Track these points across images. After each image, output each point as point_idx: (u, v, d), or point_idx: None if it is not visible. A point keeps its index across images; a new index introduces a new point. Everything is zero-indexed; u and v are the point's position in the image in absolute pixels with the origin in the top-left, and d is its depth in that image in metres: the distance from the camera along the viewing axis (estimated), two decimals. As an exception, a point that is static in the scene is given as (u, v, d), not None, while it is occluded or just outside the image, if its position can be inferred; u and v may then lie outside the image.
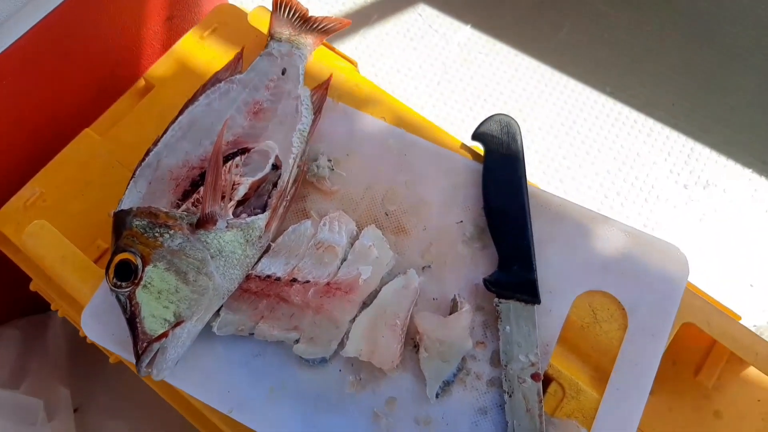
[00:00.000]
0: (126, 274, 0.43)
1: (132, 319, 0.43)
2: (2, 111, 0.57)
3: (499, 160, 0.49)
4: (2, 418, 0.59)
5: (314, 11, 0.57)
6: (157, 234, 0.43)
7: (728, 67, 1.04)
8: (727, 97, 1.02)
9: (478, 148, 0.51)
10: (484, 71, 1.04)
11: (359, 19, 1.11)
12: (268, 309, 0.45)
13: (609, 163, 0.94)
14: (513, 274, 0.46)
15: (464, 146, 0.53)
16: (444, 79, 1.02)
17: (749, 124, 1.00)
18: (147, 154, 0.49)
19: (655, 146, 0.99)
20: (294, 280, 0.46)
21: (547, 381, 0.45)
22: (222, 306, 0.45)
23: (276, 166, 0.49)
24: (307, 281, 0.46)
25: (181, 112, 0.50)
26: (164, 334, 0.42)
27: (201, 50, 0.60)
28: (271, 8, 0.57)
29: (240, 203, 0.47)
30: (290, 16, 0.56)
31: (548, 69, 1.05)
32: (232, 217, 0.45)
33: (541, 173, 0.91)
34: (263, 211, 0.46)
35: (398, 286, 0.47)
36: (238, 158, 0.48)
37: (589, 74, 1.04)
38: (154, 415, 0.62)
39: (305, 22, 0.55)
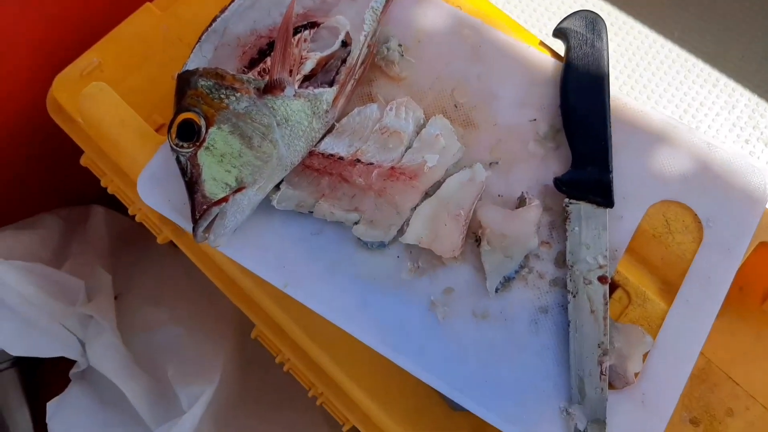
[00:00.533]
0: (188, 135, 0.41)
1: (192, 182, 0.41)
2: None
3: (582, 56, 0.46)
4: (44, 293, 0.59)
5: None
6: (223, 95, 0.42)
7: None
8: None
9: (555, 51, 0.49)
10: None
11: None
12: (330, 187, 0.44)
13: (671, 110, 0.90)
14: (587, 175, 0.44)
15: (542, 44, 0.50)
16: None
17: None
18: (213, 20, 0.47)
19: (720, 97, 0.94)
20: (357, 160, 0.44)
21: (612, 287, 0.43)
22: (283, 180, 0.44)
23: (345, 44, 0.46)
24: (371, 163, 0.44)
25: (251, -20, 0.48)
26: (224, 199, 0.41)
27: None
28: None
29: (306, 79, 0.45)
30: None
31: (613, 9, 1.00)
32: (298, 89, 0.43)
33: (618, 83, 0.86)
34: (330, 86, 0.44)
35: (463, 179, 0.45)
36: (306, 32, 0.46)
37: (657, 16, 0.99)
38: (196, 303, 0.62)
39: None
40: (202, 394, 0.50)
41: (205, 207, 0.41)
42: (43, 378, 0.73)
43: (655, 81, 0.94)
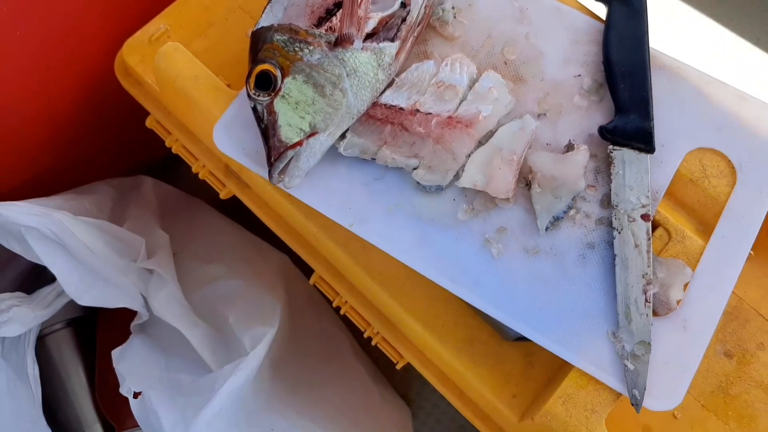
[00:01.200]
0: (265, 85, 0.45)
1: (268, 128, 0.45)
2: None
3: (623, 15, 0.50)
4: (109, 248, 0.63)
5: None
6: (297, 48, 0.46)
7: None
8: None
9: (597, 14, 0.52)
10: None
11: None
12: (391, 136, 0.48)
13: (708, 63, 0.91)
14: (630, 122, 0.47)
15: (585, 7, 0.53)
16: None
17: None
18: (282, -16, 0.51)
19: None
20: (417, 110, 0.48)
21: (654, 226, 0.47)
22: (348, 129, 0.48)
23: (404, 4, 0.50)
24: (429, 113, 0.48)
25: (316, -54, 0.51)
26: (299, 143, 0.45)
27: None
28: None
29: (368, 37, 0.49)
30: None
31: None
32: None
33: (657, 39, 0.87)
34: (392, 42, 0.48)
35: (515, 128, 0.48)
36: (368, -6, 0.50)
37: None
38: (248, 259, 0.65)
39: None
40: (264, 336, 0.54)
41: (281, 150, 0.45)
42: (99, 339, 0.77)
43: (693, 36, 0.95)
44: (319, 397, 0.60)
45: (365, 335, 0.54)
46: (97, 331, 0.75)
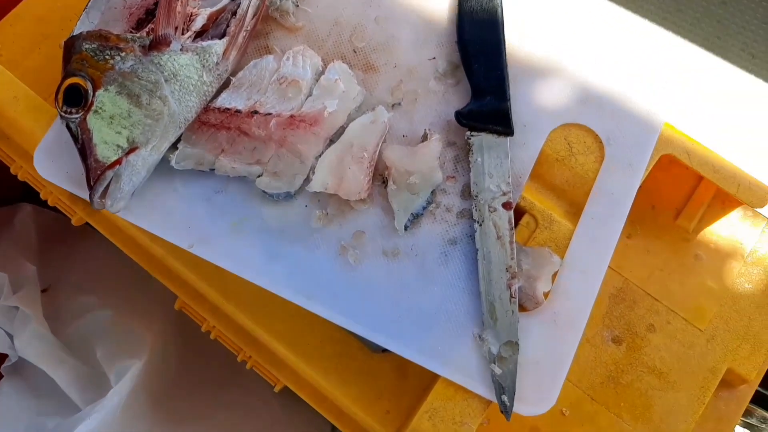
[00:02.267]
0: (76, 100, 0.41)
1: (84, 148, 0.41)
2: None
3: (474, -11, 0.46)
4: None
5: None
6: (107, 56, 0.41)
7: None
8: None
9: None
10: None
11: None
12: (229, 142, 0.43)
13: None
14: (486, 105, 0.44)
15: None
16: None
17: None
18: (98, -15, 0.46)
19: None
20: (255, 112, 0.44)
21: (519, 213, 0.44)
22: (180, 139, 0.43)
23: (235, -3, 0.46)
24: (269, 114, 0.44)
25: (131, -60, 0.47)
26: (118, 161, 0.40)
27: None
28: None
29: (198, 35, 0.45)
30: None
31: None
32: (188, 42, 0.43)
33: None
34: (220, 39, 0.44)
35: (366, 122, 0.44)
36: (194, -12, 0.46)
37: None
38: (124, 285, 0.61)
39: None
40: (129, 370, 0.50)
41: (99, 172, 0.40)
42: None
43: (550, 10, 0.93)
44: (210, 426, 0.56)
45: (239, 359, 0.50)
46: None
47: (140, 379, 0.50)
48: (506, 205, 0.42)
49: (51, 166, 0.44)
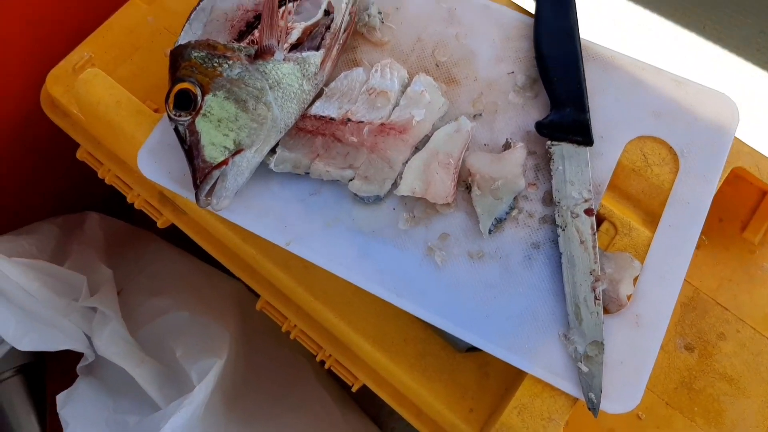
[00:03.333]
0: (185, 104, 0.43)
1: (191, 149, 0.43)
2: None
3: (552, 8, 0.49)
4: (48, 289, 0.60)
5: None
6: (215, 64, 0.44)
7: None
8: None
9: (526, 9, 0.51)
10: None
11: None
12: (324, 147, 0.46)
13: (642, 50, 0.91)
14: (566, 116, 0.46)
15: (513, 3, 0.52)
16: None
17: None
18: (200, 0, 0.49)
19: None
20: (348, 120, 0.46)
21: (599, 220, 0.46)
22: (278, 143, 0.46)
23: (327, 12, 0.49)
24: (361, 122, 0.46)
25: (233, -41, 0.50)
26: (224, 162, 0.43)
27: None
28: None
29: (293, 47, 0.47)
30: None
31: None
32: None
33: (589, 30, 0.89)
34: (317, 51, 0.47)
35: (450, 131, 0.47)
36: (290, 5, 0.49)
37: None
38: (197, 288, 0.63)
39: None
40: (211, 368, 0.51)
41: (206, 171, 0.43)
42: (49, 384, 0.73)
43: (624, 23, 0.95)
44: (278, 427, 0.57)
45: (317, 359, 0.51)
46: (46, 377, 0.71)
47: (220, 377, 0.51)
48: (588, 212, 0.44)
49: (154, 167, 0.47)
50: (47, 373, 0.71)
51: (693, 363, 0.48)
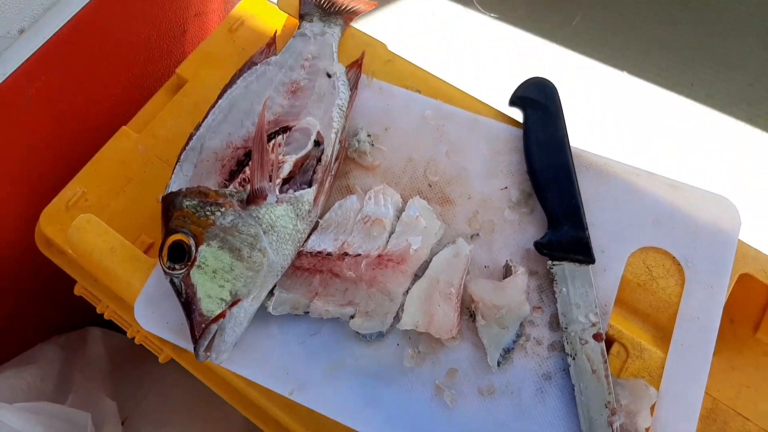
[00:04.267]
0: (179, 256, 0.43)
1: (188, 302, 0.42)
2: (38, 112, 0.58)
3: (539, 121, 0.49)
4: (52, 429, 0.58)
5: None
6: (208, 212, 0.43)
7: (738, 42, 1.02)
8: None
9: (514, 118, 0.51)
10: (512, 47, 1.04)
11: (385, 2, 1.13)
12: (322, 285, 0.45)
13: (638, 151, 0.92)
14: (564, 234, 0.45)
15: (501, 114, 0.52)
16: (474, 52, 1.02)
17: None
18: (190, 139, 0.49)
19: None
20: (345, 254, 0.46)
21: (608, 342, 0.44)
22: (276, 285, 0.45)
23: (318, 143, 0.49)
24: (358, 254, 0.46)
25: (220, 96, 0.50)
26: (221, 315, 0.42)
27: (231, 43, 0.60)
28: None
29: (285, 182, 0.47)
30: None
31: (568, 53, 1.04)
32: (279, 193, 0.45)
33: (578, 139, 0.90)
34: (309, 186, 0.46)
35: (449, 255, 0.46)
36: (280, 137, 0.49)
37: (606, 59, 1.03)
38: (205, 417, 0.61)
39: (333, 4, 0.56)
40: None
41: (203, 326, 0.42)
42: None
43: (614, 126, 0.96)
44: None
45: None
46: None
47: None
48: (597, 337, 0.43)
49: (151, 317, 0.46)
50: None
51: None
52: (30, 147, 0.59)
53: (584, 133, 0.88)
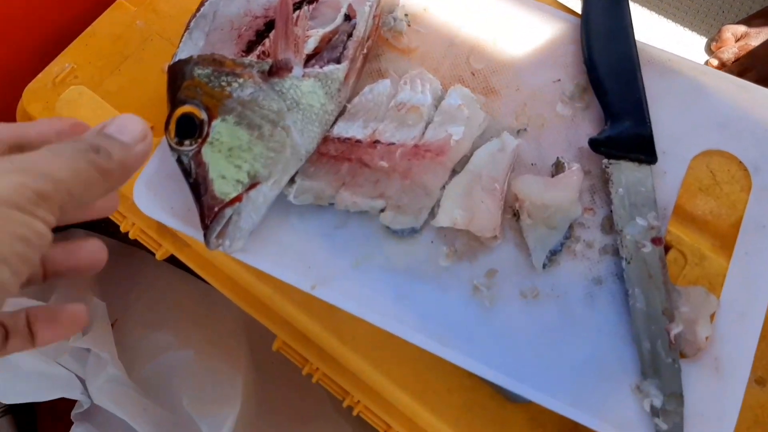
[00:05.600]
0: (189, 131, 0.37)
1: (198, 184, 0.37)
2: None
3: (601, 5, 0.43)
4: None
5: None
6: (224, 83, 0.37)
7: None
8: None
9: (569, 6, 0.46)
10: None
11: None
12: (350, 174, 0.40)
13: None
14: (624, 131, 0.41)
15: (557, 1, 0.47)
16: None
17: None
18: (201, 5, 0.42)
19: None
20: (377, 142, 0.40)
21: (666, 249, 0.40)
22: (298, 172, 0.40)
23: (348, 17, 0.42)
24: (392, 143, 0.40)
25: (236, -44, 0.43)
26: (238, 198, 0.37)
27: None
28: None
29: (309, 58, 0.41)
30: None
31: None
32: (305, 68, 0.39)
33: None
34: (338, 63, 0.40)
35: (493, 149, 0.41)
36: (305, 8, 0.42)
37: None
38: (202, 321, 0.57)
39: None
40: (225, 422, 0.46)
41: (216, 209, 0.36)
42: (42, 423, 0.67)
43: (681, 22, 0.86)
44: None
45: (344, 404, 0.46)
46: (38, 421, 0.65)
47: (236, 428, 0.46)
48: (656, 241, 0.39)
49: (153, 201, 0.40)
50: (38, 417, 0.65)
51: (766, 398, 0.43)
52: (8, 17, 0.51)
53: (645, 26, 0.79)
